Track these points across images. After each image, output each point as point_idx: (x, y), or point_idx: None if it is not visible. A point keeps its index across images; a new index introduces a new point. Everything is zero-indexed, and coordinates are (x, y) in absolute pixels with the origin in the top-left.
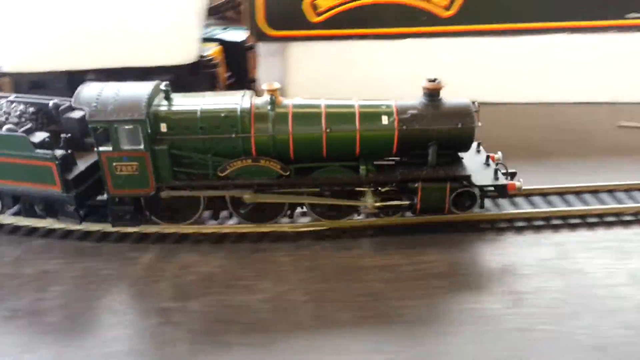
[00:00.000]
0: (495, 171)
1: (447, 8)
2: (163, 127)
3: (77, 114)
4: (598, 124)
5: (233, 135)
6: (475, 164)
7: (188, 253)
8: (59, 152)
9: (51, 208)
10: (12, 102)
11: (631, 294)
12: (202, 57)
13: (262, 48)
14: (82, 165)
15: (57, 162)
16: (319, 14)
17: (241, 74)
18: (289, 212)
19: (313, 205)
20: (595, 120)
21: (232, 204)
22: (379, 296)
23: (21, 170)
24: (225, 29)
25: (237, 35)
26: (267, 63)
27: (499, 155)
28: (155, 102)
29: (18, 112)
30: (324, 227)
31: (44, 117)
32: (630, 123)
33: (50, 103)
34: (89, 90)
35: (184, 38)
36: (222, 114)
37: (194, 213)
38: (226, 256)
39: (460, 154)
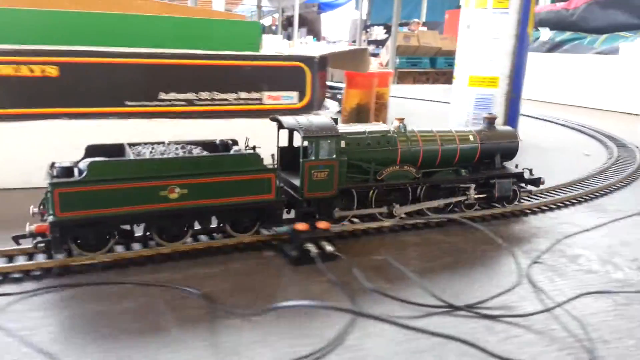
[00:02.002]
0: (530, 171)
1: None
2: (343, 144)
3: (241, 147)
4: None
5: (390, 148)
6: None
7: None
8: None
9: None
10: (173, 144)
11: None
12: None
13: None
14: None
15: (277, 173)
16: None
17: None
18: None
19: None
20: None
21: (375, 201)
22: None
23: (240, 186)
24: None
25: None
26: None
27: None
28: None
29: (198, 149)
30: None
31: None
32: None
33: (217, 141)
34: (288, 119)
35: None
36: (381, 134)
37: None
38: None
39: None
